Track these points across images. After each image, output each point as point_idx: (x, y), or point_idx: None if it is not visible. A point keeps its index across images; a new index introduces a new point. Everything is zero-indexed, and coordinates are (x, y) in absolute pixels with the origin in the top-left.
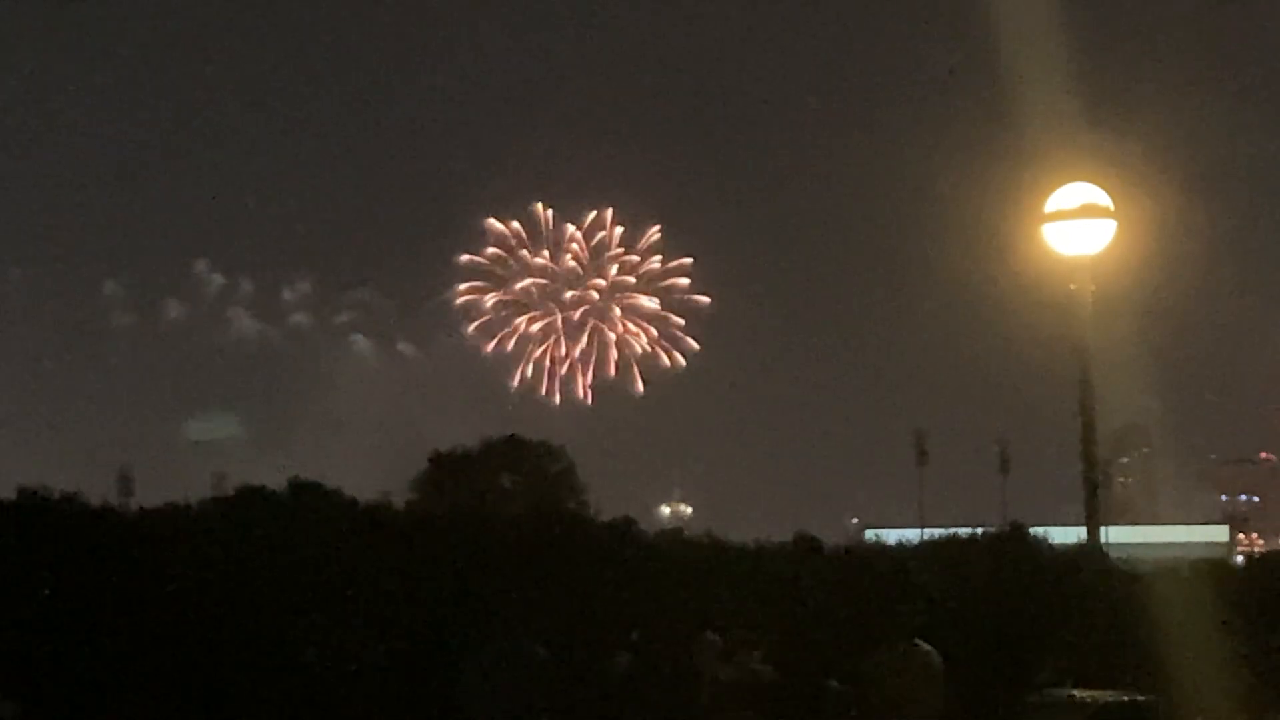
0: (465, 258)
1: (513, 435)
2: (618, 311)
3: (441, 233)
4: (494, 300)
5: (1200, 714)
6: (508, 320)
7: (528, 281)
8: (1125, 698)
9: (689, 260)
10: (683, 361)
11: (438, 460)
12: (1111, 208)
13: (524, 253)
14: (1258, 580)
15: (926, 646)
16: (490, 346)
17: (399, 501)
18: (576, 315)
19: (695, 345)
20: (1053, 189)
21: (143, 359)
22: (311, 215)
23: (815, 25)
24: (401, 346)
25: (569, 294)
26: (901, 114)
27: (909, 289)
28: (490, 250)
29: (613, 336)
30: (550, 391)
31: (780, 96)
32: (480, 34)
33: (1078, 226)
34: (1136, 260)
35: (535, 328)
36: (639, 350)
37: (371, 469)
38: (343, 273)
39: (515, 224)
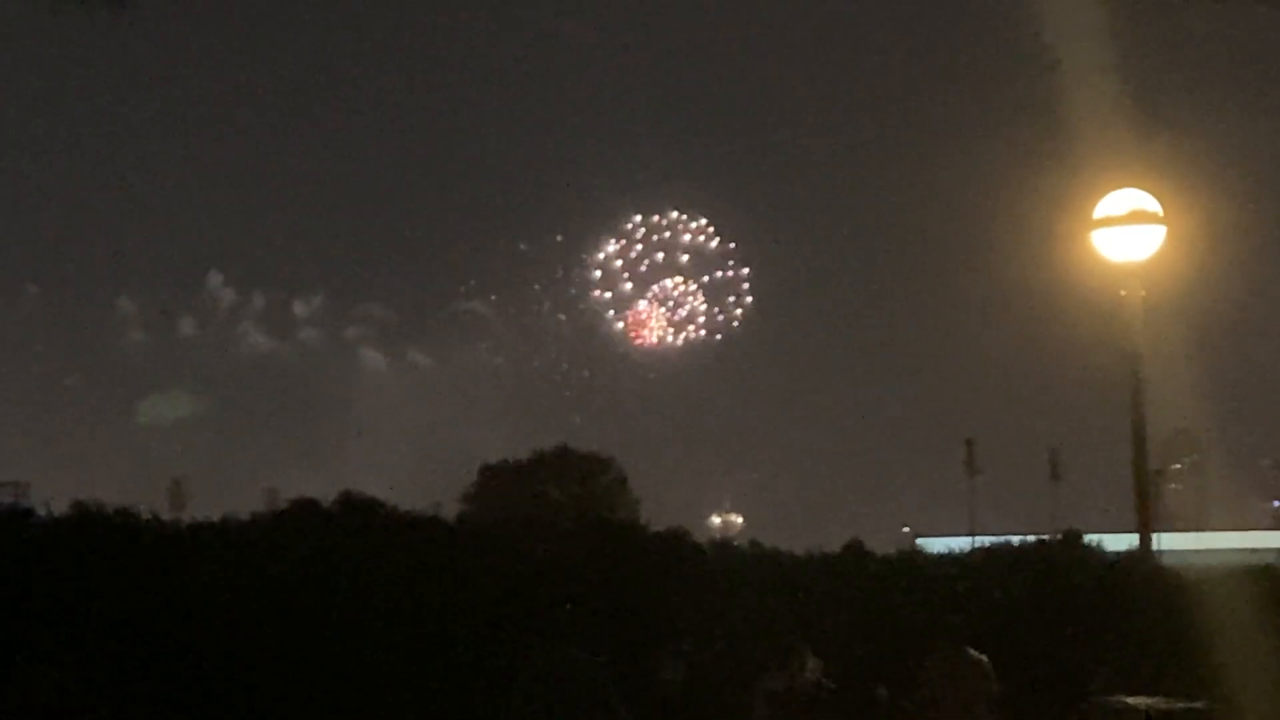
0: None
1: (563, 446)
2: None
3: (449, 244)
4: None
5: None
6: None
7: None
8: (1179, 705)
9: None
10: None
11: (487, 471)
12: (1160, 213)
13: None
14: None
15: (978, 654)
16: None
17: (449, 513)
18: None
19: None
20: (1102, 195)
21: (160, 373)
22: (323, 229)
23: (862, 28)
24: (416, 358)
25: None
26: (951, 120)
27: (958, 296)
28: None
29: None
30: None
31: (829, 101)
32: (491, 44)
33: (1127, 232)
34: (1188, 266)
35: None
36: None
37: (403, 480)
38: (355, 286)
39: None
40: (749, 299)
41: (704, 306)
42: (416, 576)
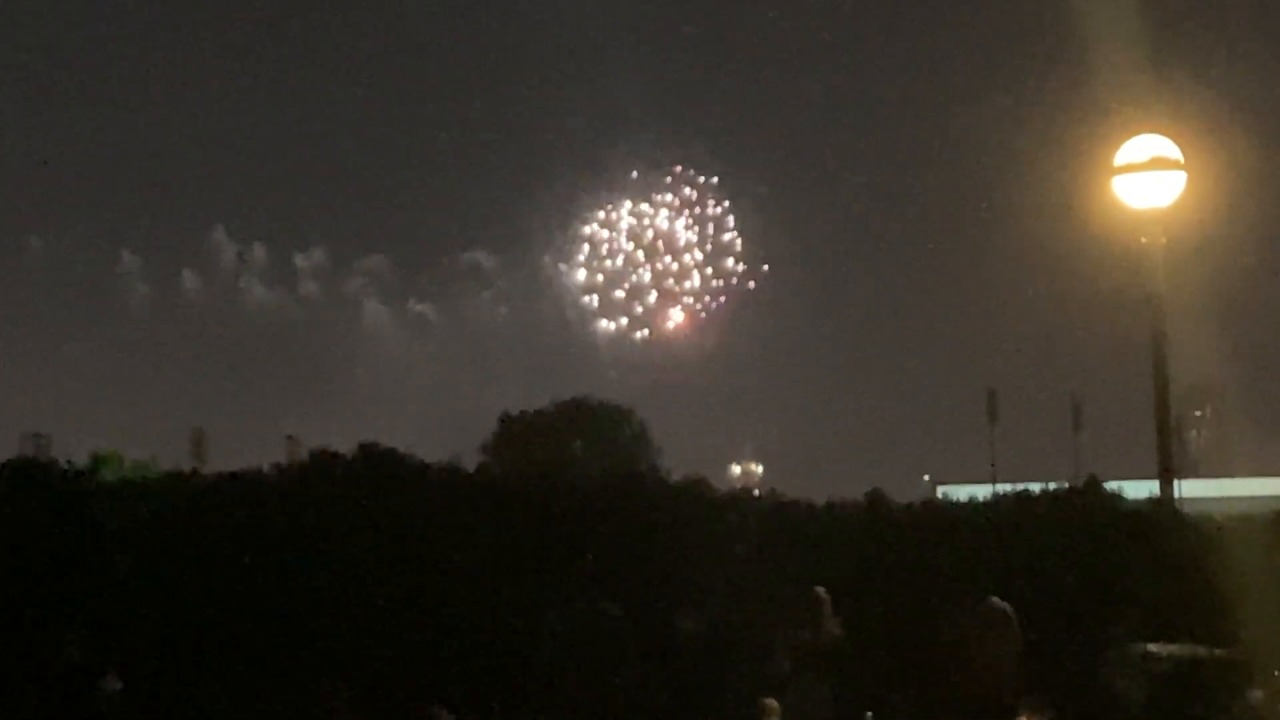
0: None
1: (583, 396)
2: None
3: (451, 195)
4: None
5: (1275, 667)
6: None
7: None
8: (1202, 652)
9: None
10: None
11: (506, 422)
12: (1181, 160)
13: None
14: None
15: (1000, 603)
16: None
17: (468, 464)
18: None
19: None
20: (1122, 142)
21: (165, 329)
22: (324, 181)
23: None
24: (419, 310)
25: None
26: (971, 67)
27: (978, 244)
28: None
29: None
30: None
31: (842, 49)
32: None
33: (1148, 179)
34: (1209, 213)
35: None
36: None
37: (419, 431)
38: (355, 239)
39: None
40: (763, 267)
41: (710, 272)
42: (436, 528)
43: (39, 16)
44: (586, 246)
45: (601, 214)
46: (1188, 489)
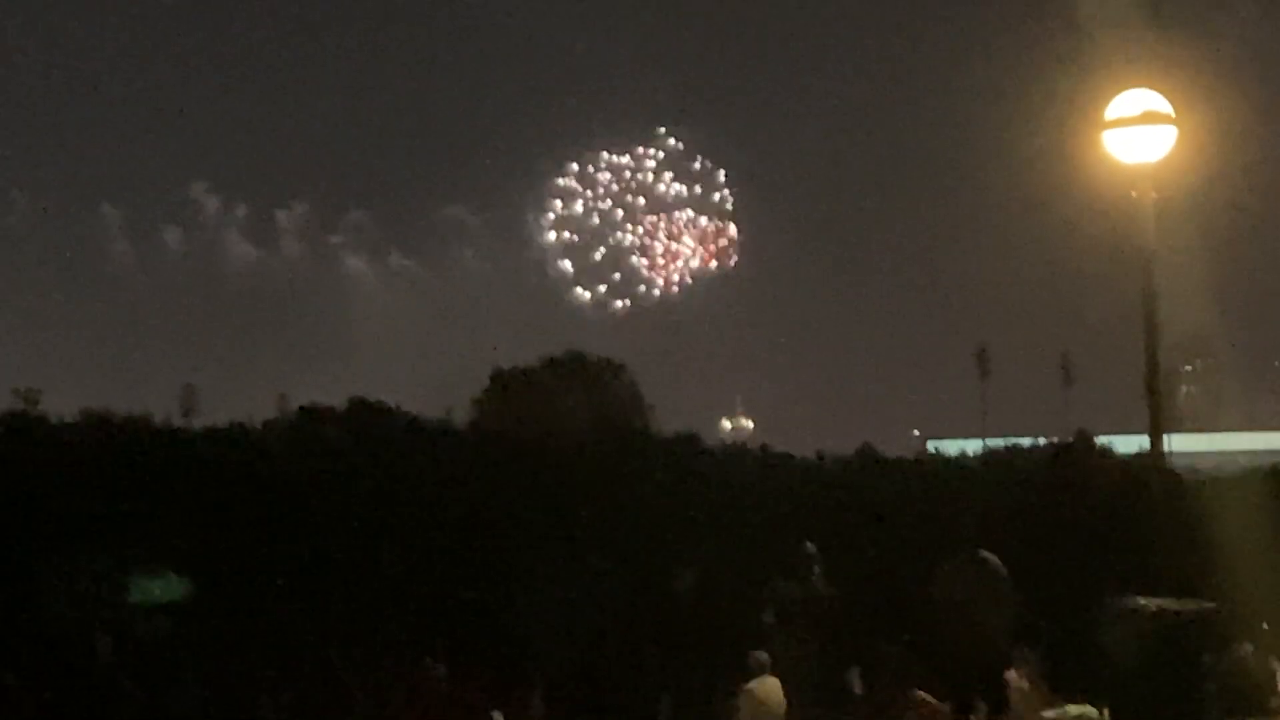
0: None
1: (574, 352)
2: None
3: (435, 150)
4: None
5: (1266, 620)
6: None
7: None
8: (1191, 605)
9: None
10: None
11: (498, 377)
12: (1172, 114)
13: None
14: None
15: (991, 557)
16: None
17: (460, 419)
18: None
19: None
20: (1113, 96)
21: (147, 284)
22: (308, 136)
23: None
24: (401, 264)
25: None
26: (961, 21)
27: (969, 199)
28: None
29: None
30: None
31: (840, 9)
32: None
33: (1139, 133)
34: (1200, 169)
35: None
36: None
37: (406, 387)
38: (336, 194)
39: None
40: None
41: (702, 233)
42: (428, 483)
43: None
44: (559, 204)
45: (575, 166)
46: (1177, 443)
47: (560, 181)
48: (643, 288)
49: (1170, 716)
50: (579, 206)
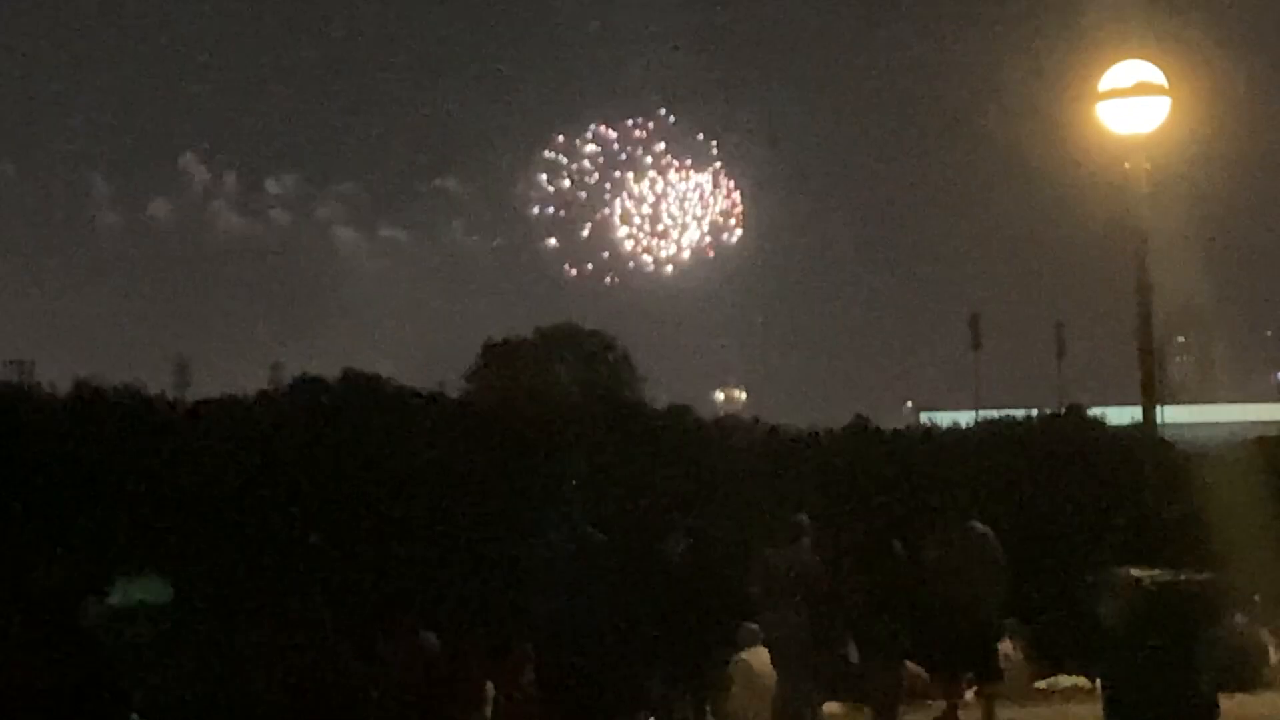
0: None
1: (567, 323)
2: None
3: (420, 122)
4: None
5: (1257, 592)
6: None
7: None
8: (1183, 576)
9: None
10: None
11: (491, 349)
12: (1166, 85)
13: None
14: None
15: (983, 528)
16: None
17: (452, 391)
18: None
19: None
20: (1107, 67)
21: (138, 255)
22: (296, 107)
23: None
24: (391, 235)
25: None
26: None
27: (962, 170)
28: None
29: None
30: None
31: None
32: None
33: (1132, 104)
34: (1194, 139)
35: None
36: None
37: (398, 358)
38: (325, 165)
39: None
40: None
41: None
42: (420, 454)
43: None
44: (544, 178)
45: (561, 138)
46: (1170, 415)
47: (546, 154)
48: (631, 264)
49: (1162, 688)
50: (565, 181)
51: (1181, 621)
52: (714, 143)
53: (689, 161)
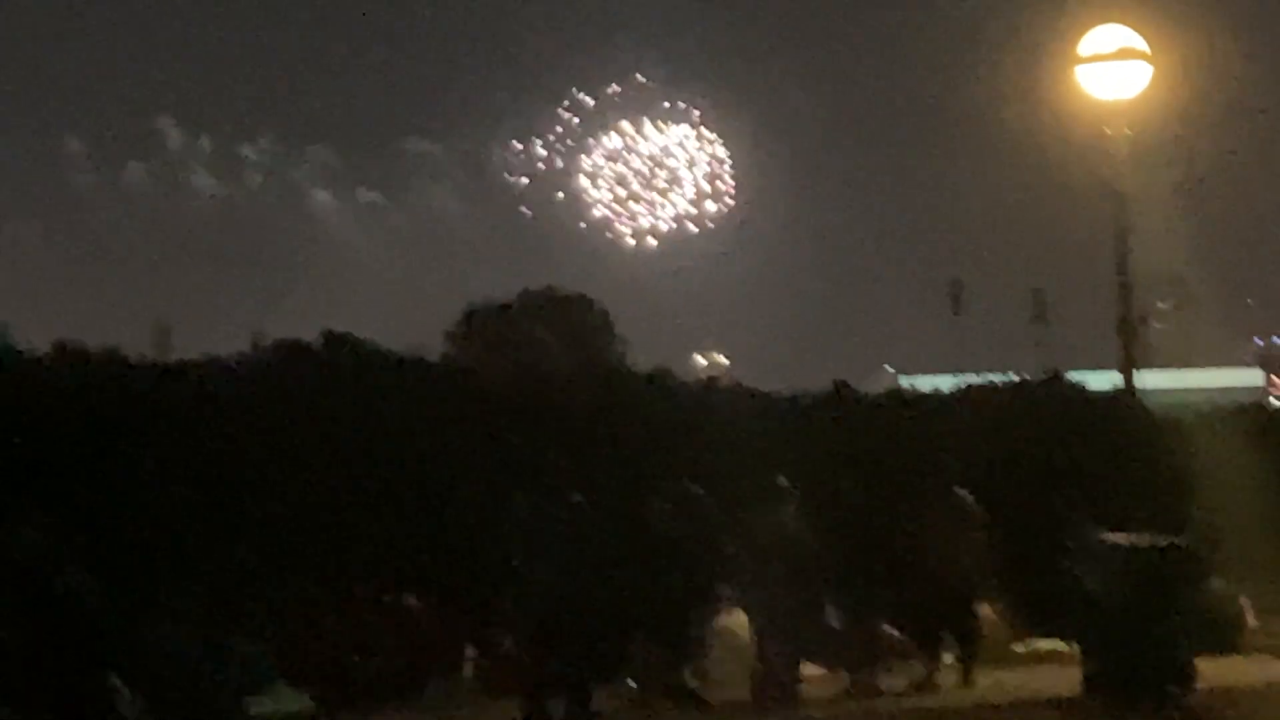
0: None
1: (549, 287)
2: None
3: (399, 82)
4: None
5: (1235, 556)
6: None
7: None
8: (1161, 541)
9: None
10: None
11: (472, 312)
12: (1147, 51)
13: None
14: None
15: (963, 493)
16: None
17: (433, 354)
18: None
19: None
20: (1087, 31)
21: (113, 218)
22: (271, 69)
23: None
24: (367, 198)
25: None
26: None
27: (942, 135)
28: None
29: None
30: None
31: None
32: None
33: (1113, 69)
34: (1175, 105)
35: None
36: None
37: (378, 322)
38: (303, 126)
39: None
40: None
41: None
42: (403, 418)
43: None
44: (517, 144)
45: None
46: (1149, 380)
47: (523, 121)
48: (608, 234)
49: (1140, 651)
50: (540, 148)
51: (1159, 586)
52: (696, 112)
53: (673, 130)
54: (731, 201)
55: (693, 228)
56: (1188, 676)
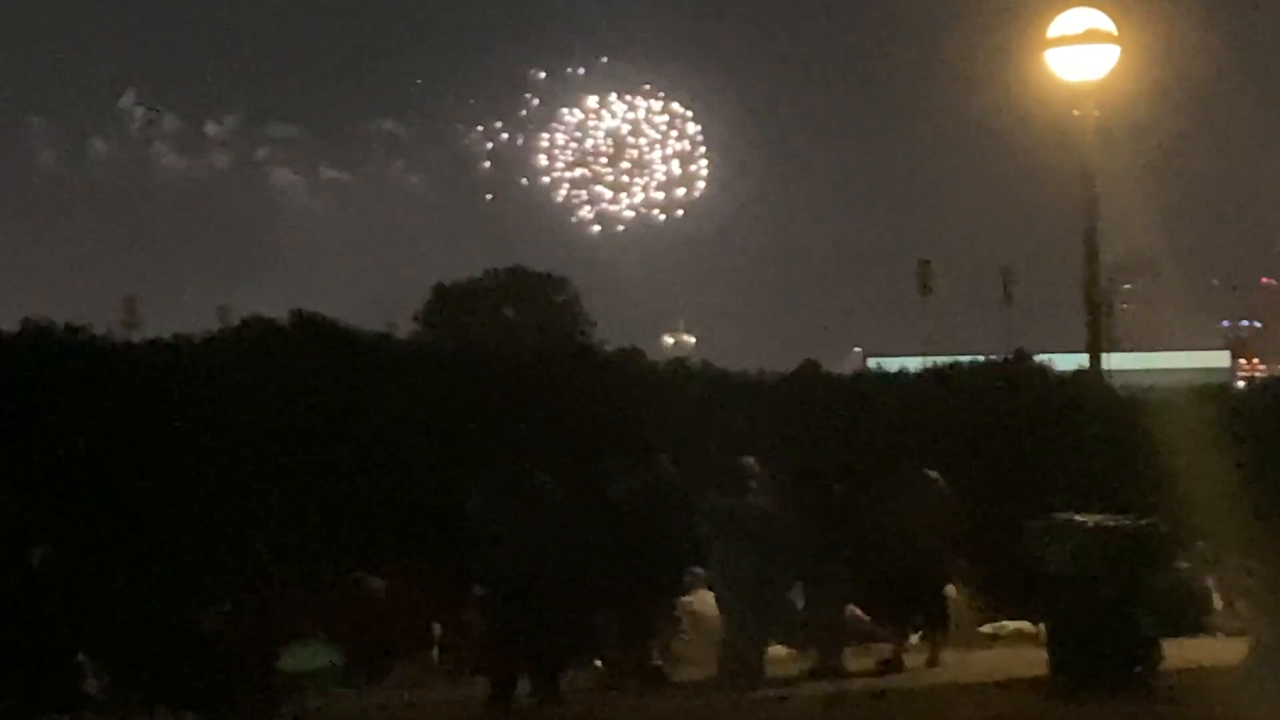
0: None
1: (517, 266)
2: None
3: (365, 61)
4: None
5: (1201, 537)
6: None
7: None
8: (1127, 521)
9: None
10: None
11: (440, 292)
12: (1115, 33)
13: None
14: (1259, 405)
15: (933, 474)
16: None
17: (402, 333)
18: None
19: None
20: (1056, 14)
21: (77, 196)
22: (235, 46)
23: None
24: (332, 177)
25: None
26: None
27: (911, 117)
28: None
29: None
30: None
31: None
32: None
33: (1081, 52)
34: (1142, 86)
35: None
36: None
37: (346, 301)
38: (265, 105)
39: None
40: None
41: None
42: (370, 396)
43: None
44: (480, 128)
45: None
46: (1116, 362)
47: (489, 102)
48: (574, 218)
49: (1106, 632)
50: (504, 130)
51: (1125, 566)
52: (660, 94)
53: (638, 108)
54: (701, 184)
55: (659, 215)
56: (1154, 658)
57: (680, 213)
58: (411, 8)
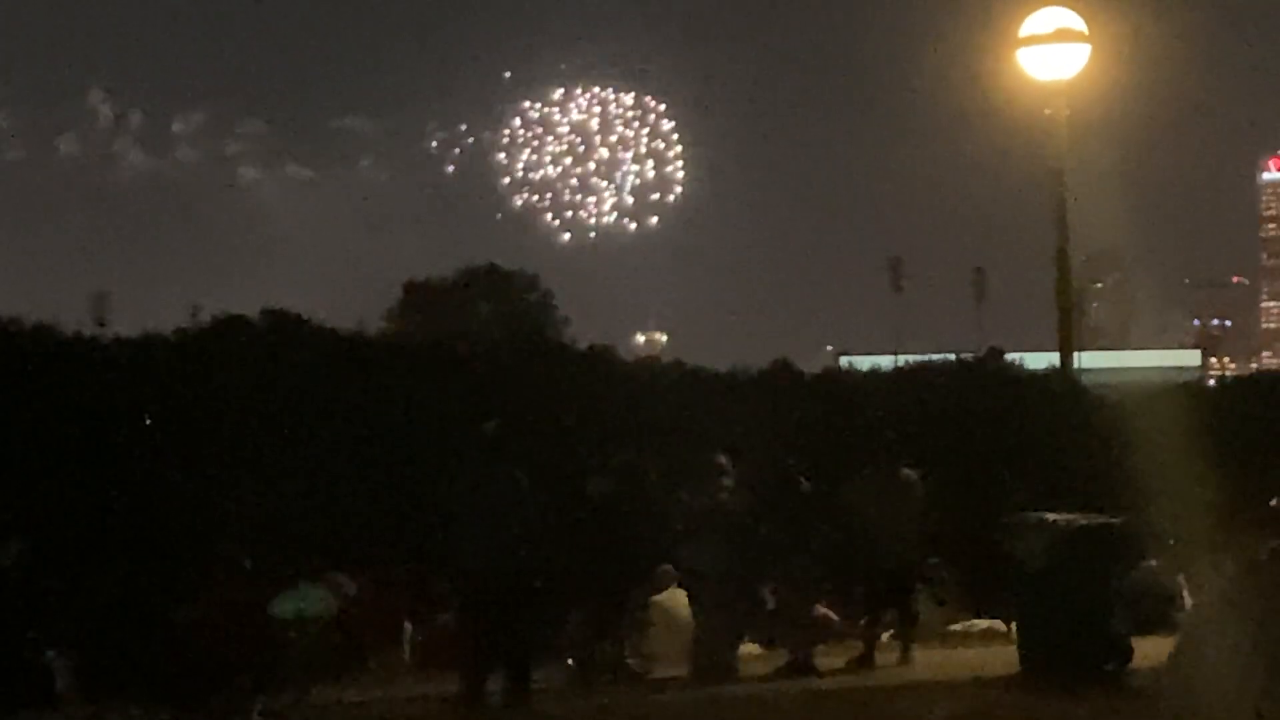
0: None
1: (491, 264)
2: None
3: (331, 58)
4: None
5: (1172, 536)
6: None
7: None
8: (1098, 520)
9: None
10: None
11: (412, 289)
12: (1086, 32)
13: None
14: (1229, 404)
15: (908, 472)
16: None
17: (372, 330)
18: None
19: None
20: (1027, 13)
21: (45, 193)
22: (202, 44)
23: None
24: (297, 173)
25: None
26: None
27: (884, 117)
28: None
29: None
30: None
31: None
32: None
33: (1052, 51)
34: (1113, 85)
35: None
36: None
37: (316, 297)
38: (232, 103)
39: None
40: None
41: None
42: (340, 393)
43: None
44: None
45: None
46: (1087, 360)
47: (456, 101)
48: (549, 218)
49: (1076, 629)
50: (467, 130)
51: (1095, 564)
52: (629, 96)
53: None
54: (678, 188)
55: (630, 224)
56: (1124, 655)
57: (654, 219)
58: (377, 4)
